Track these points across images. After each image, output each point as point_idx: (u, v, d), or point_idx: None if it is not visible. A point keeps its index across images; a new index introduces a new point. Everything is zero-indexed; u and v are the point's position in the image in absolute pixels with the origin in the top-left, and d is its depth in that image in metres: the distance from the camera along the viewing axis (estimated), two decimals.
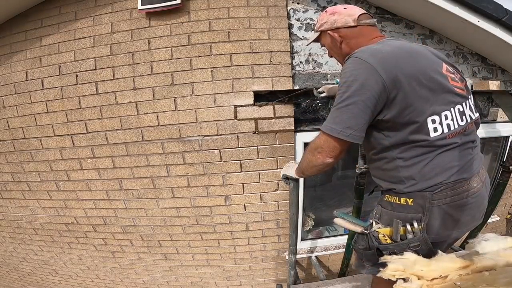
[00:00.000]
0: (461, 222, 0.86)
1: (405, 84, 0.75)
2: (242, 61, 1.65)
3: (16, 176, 1.97)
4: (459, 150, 0.82)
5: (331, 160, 0.86)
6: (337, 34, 0.96)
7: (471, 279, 0.67)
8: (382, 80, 0.74)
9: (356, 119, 0.77)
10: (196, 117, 1.70)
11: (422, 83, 0.76)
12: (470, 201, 0.83)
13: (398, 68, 0.76)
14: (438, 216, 0.84)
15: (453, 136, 0.81)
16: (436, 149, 0.80)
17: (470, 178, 0.83)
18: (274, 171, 1.82)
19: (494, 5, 1.48)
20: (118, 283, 2.44)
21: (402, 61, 0.78)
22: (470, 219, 0.87)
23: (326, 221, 2.32)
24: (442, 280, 0.72)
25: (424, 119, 0.77)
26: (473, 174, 0.84)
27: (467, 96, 0.87)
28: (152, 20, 1.65)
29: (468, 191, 0.83)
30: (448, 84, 0.81)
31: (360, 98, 0.76)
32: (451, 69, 0.87)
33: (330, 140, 0.83)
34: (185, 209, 1.93)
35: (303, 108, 1.81)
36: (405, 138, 0.80)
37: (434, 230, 0.85)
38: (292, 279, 1.76)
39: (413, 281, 0.73)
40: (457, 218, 0.84)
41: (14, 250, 2.38)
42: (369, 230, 0.93)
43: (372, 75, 0.75)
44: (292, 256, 1.66)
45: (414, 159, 0.82)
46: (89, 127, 1.77)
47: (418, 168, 0.82)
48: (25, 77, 1.77)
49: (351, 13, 0.94)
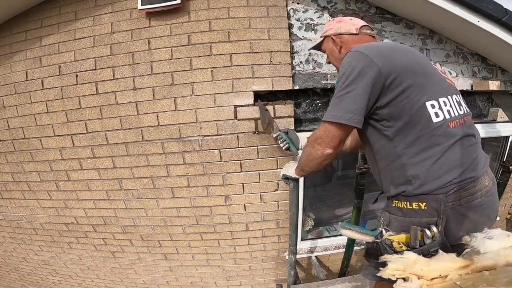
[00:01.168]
0: (478, 223, 0.82)
1: (400, 71, 0.78)
2: (242, 61, 1.65)
3: (16, 176, 1.97)
4: (463, 146, 0.81)
5: (330, 150, 0.85)
6: (339, 39, 1.05)
7: (471, 278, 0.67)
8: (378, 67, 0.78)
9: (356, 103, 0.79)
10: (196, 117, 1.70)
11: (416, 71, 0.80)
12: (484, 200, 0.82)
13: (392, 57, 0.81)
14: (454, 218, 0.81)
15: (455, 125, 0.81)
16: (443, 142, 0.79)
17: (481, 177, 0.82)
18: (274, 171, 1.82)
19: (494, 5, 1.48)
20: (118, 283, 2.44)
21: (396, 52, 0.84)
22: (486, 219, 0.84)
23: (326, 221, 2.32)
24: (442, 279, 0.71)
25: (422, 104, 0.79)
26: (482, 172, 0.83)
27: (457, 90, 0.90)
28: (152, 20, 1.65)
29: (481, 190, 0.81)
30: (441, 75, 0.86)
31: (358, 85, 0.79)
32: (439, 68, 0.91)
33: (329, 129, 0.83)
34: (185, 209, 1.93)
35: (303, 108, 1.81)
36: (406, 126, 0.80)
37: (451, 232, 0.82)
38: (292, 279, 1.76)
39: (413, 280, 0.73)
40: (474, 219, 0.82)
41: (14, 250, 2.38)
42: (380, 238, 0.90)
43: (368, 64, 0.79)
44: (292, 256, 1.66)
45: (420, 155, 0.80)
46: (89, 127, 1.77)
47: (426, 166, 0.80)
48: (25, 77, 1.77)
49: (355, 23, 1.05)
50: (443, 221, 0.81)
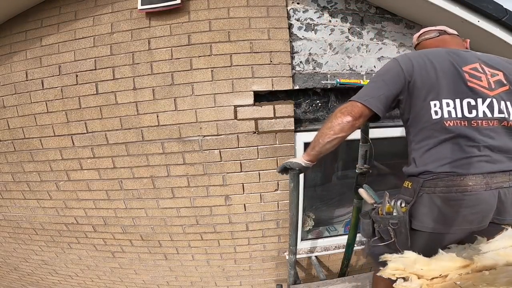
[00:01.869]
0: (449, 219, 0.88)
1: (416, 74, 0.93)
2: (242, 61, 1.65)
3: (16, 176, 1.97)
4: (456, 144, 0.88)
5: (350, 118, 0.96)
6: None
7: (471, 278, 0.67)
8: (401, 69, 0.96)
9: (375, 90, 0.97)
10: (196, 117, 1.70)
11: (430, 75, 0.92)
12: (459, 197, 0.85)
13: (415, 62, 0.95)
14: (427, 204, 0.91)
15: (453, 124, 0.88)
16: (438, 136, 0.90)
17: (465, 176, 0.85)
18: (274, 171, 1.82)
19: (494, 5, 1.48)
20: (118, 283, 2.44)
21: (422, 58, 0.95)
22: (461, 219, 0.87)
23: (326, 221, 2.32)
24: (442, 279, 0.71)
25: (427, 102, 0.92)
26: (472, 172, 0.85)
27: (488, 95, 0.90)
28: (152, 20, 1.65)
29: (458, 187, 0.85)
30: (462, 78, 0.90)
31: (381, 78, 0.99)
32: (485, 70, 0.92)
33: (352, 104, 0.98)
34: (185, 209, 1.93)
35: (303, 108, 1.81)
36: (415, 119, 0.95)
37: (419, 217, 0.92)
38: (292, 279, 1.76)
39: (413, 280, 0.73)
40: (445, 212, 0.88)
41: (14, 250, 2.38)
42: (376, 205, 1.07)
43: (395, 66, 0.98)
44: (292, 256, 1.66)
45: (421, 143, 0.94)
46: (89, 127, 1.77)
47: (420, 153, 0.94)
48: (25, 77, 1.77)
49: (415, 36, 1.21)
50: (413, 201, 0.92)
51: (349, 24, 1.75)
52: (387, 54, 1.80)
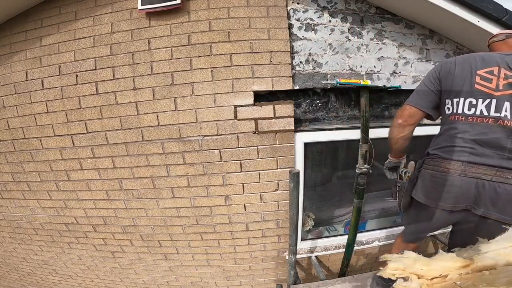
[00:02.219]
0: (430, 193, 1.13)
1: (443, 79, 1.14)
2: (242, 61, 1.65)
3: (16, 176, 1.97)
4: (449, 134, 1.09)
5: (401, 120, 1.21)
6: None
7: (471, 278, 0.67)
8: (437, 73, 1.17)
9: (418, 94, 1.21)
10: (196, 117, 1.70)
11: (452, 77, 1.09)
12: (439, 175, 1.09)
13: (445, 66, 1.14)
14: (424, 179, 1.17)
15: (454, 119, 1.08)
16: (443, 127, 1.15)
17: (447, 160, 1.07)
18: (274, 171, 1.82)
19: (494, 5, 1.49)
20: (118, 283, 2.44)
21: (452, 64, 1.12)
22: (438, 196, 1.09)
23: (326, 221, 2.32)
24: (442, 279, 0.71)
25: (444, 100, 1.14)
26: (453, 159, 1.04)
27: (491, 96, 0.99)
28: (152, 20, 1.65)
29: (439, 167, 1.09)
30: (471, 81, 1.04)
31: (423, 83, 1.21)
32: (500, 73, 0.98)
33: (403, 107, 1.23)
34: (185, 209, 1.93)
35: (303, 108, 1.81)
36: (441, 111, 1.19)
37: (417, 188, 1.21)
38: (292, 279, 1.76)
39: (413, 280, 0.73)
40: (428, 186, 1.15)
41: (14, 250, 2.38)
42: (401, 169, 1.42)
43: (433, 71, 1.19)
44: (292, 256, 1.66)
45: (439, 131, 1.19)
46: (89, 127, 1.77)
47: (433, 139, 1.20)
48: (25, 77, 1.77)
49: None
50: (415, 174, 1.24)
51: (349, 24, 1.75)
52: (387, 54, 1.80)
